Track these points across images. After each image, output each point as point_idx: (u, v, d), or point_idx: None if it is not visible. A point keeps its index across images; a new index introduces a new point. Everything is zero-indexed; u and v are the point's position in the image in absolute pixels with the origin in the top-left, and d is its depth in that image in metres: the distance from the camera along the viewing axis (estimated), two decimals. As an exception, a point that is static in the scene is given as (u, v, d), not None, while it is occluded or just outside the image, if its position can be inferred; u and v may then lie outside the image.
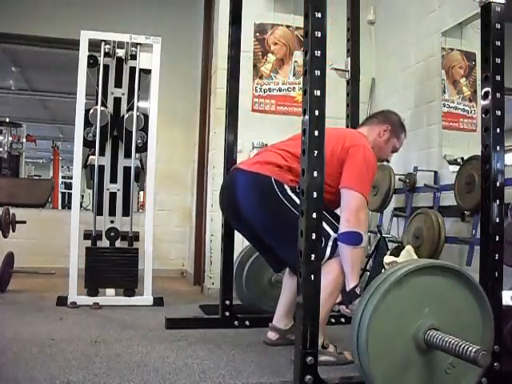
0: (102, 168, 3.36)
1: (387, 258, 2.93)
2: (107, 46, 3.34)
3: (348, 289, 2.00)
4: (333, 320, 2.75)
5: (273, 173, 2.08)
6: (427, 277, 1.57)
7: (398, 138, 2.38)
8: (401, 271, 1.54)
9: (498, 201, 1.80)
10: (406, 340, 1.53)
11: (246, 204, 2.14)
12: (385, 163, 3.56)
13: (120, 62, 3.45)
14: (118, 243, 3.36)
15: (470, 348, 1.39)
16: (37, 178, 10.17)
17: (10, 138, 8.05)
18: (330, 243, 2.02)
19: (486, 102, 1.84)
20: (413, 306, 1.55)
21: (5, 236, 3.55)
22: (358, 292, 1.98)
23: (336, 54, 2.99)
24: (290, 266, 2.25)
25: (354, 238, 1.98)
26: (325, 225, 1.99)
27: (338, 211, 2.14)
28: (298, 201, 1.98)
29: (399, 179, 3.45)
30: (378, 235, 3.50)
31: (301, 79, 3.54)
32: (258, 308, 2.88)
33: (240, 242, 3.47)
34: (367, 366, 1.49)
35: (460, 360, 1.45)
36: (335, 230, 2.03)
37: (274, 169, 2.10)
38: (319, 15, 1.62)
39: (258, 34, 3.82)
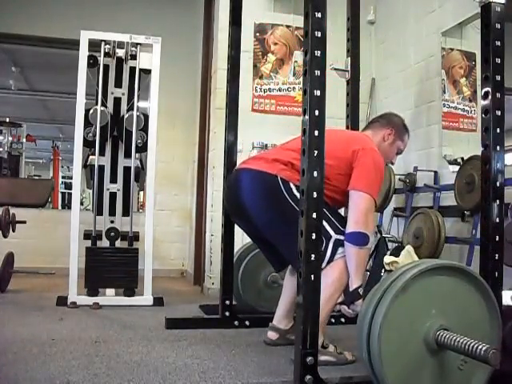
0: (102, 168, 3.36)
1: (387, 258, 2.93)
2: (107, 46, 3.34)
3: (351, 289, 2.00)
4: (333, 320, 2.75)
5: (279, 171, 2.07)
6: (433, 278, 1.57)
7: (402, 140, 2.39)
8: (407, 276, 1.54)
9: (497, 201, 1.81)
10: (417, 342, 1.54)
11: (250, 204, 2.13)
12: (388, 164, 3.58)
13: (120, 62, 3.45)
14: (118, 243, 3.35)
15: (481, 347, 1.40)
16: (37, 178, 10.16)
17: (10, 138, 8.04)
18: (331, 245, 2.02)
19: (486, 102, 1.84)
20: (420, 308, 1.56)
21: (5, 236, 3.55)
22: (361, 293, 1.98)
23: (336, 53, 3.01)
24: (295, 266, 2.24)
25: (360, 239, 1.98)
26: (326, 225, 1.99)
27: (341, 211, 2.15)
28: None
29: (399, 179, 3.45)
30: (378, 235, 3.49)
31: (301, 79, 3.56)
32: (252, 309, 2.88)
33: (240, 242, 3.47)
34: (381, 373, 1.49)
35: None
36: (337, 231, 2.03)
37: (280, 166, 2.08)
38: (319, 15, 1.62)
39: (258, 34, 3.82)
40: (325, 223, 1.94)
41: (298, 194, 2.00)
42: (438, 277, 1.58)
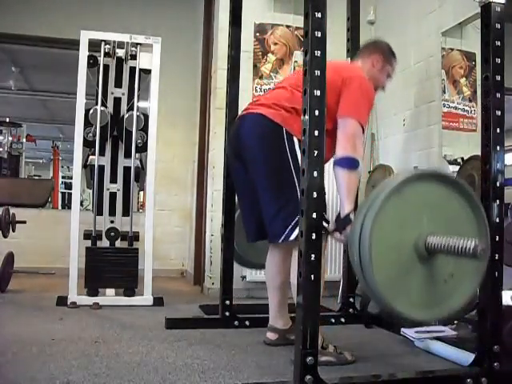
0: (102, 168, 3.36)
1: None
2: (107, 46, 3.35)
3: (342, 215, 1.96)
4: (333, 320, 2.75)
5: (284, 120, 2.05)
6: (426, 184, 1.61)
7: (391, 64, 2.41)
8: (400, 178, 1.58)
9: (497, 201, 1.80)
10: (408, 248, 1.57)
11: (249, 143, 2.12)
12: (385, 163, 3.58)
13: (120, 61, 3.45)
14: (118, 243, 3.36)
15: (470, 242, 1.45)
16: (37, 178, 10.17)
17: (10, 138, 8.05)
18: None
19: (486, 102, 1.84)
20: (412, 215, 1.59)
21: (5, 236, 3.55)
22: (352, 218, 1.91)
23: (336, 54, 3.01)
24: (268, 227, 2.13)
25: (349, 162, 1.96)
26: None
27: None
28: (300, 158, 1.93)
29: (399, 179, 3.45)
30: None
31: (301, 79, 3.55)
32: (244, 260, 2.85)
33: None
34: (371, 275, 1.51)
35: (458, 270, 1.53)
36: None
37: (284, 114, 2.06)
38: (319, 15, 1.62)
39: (258, 34, 3.82)
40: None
41: (298, 151, 2.00)
42: (432, 184, 1.61)
